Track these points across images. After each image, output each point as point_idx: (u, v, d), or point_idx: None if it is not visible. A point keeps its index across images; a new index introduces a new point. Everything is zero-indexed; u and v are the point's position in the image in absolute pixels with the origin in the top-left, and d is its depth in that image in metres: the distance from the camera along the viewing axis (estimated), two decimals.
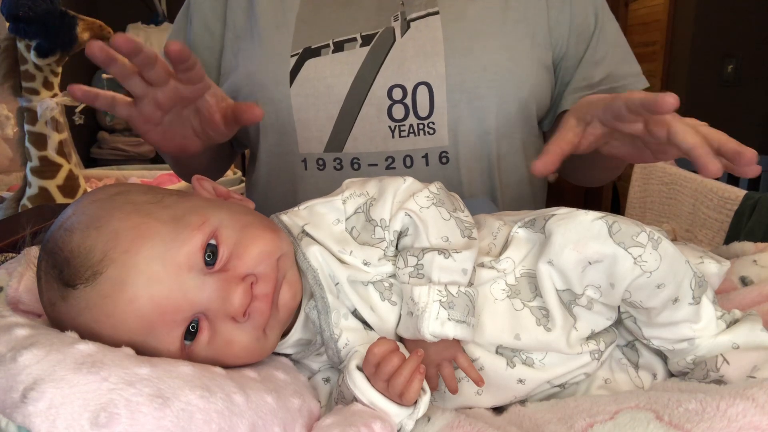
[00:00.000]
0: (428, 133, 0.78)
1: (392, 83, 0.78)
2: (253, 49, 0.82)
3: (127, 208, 0.48)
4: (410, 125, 0.78)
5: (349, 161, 0.80)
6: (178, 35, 0.90)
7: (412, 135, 0.78)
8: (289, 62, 0.79)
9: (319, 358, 0.56)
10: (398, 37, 0.79)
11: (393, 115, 0.78)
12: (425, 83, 0.77)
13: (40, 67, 1.87)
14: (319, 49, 0.79)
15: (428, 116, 0.78)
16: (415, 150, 0.79)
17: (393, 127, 0.78)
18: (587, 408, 0.46)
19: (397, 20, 0.79)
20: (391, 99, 0.78)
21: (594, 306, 0.53)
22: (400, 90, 0.78)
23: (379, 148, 0.79)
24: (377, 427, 0.44)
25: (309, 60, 0.79)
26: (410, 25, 0.79)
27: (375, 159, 0.80)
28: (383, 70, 0.78)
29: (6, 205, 1.97)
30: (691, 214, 1.83)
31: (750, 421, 0.40)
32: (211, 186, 0.59)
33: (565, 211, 0.54)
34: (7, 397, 0.38)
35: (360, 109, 0.78)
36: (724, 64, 2.81)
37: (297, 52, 0.79)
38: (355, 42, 0.79)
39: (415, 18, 0.79)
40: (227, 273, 0.48)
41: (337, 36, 0.80)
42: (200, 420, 0.40)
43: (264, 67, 0.81)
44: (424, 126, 0.78)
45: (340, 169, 0.80)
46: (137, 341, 0.45)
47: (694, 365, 0.54)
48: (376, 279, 0.53)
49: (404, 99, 0.78)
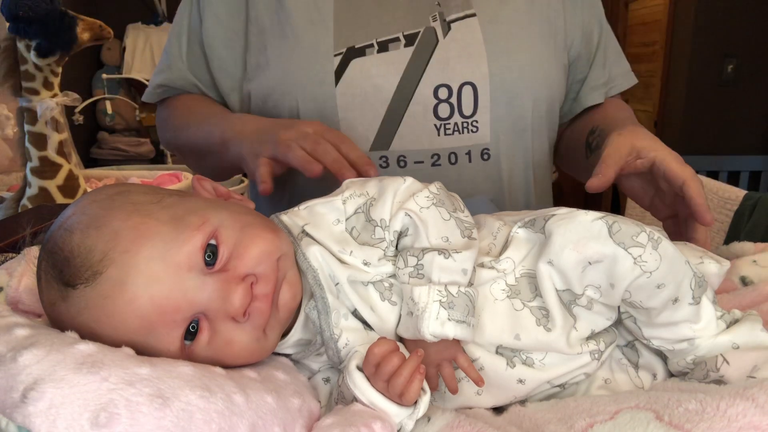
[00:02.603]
0: (472, 131, 0.81)
1: (438, 83, 0.80)
2: (287, 47, 0.82)
3: (128, 208, 0.48)
4: (455, 123, 0.81)
5: (396, 159, 0.82)
6: (181, 28, 0.90)
7: (456, 133, 0.81)
8: (333, 61, 0.80)
9: (319, 358, 0.56)
10: (440, 37, 0.81)
11: (439, 113, 0.80)
12: (470, 83, 0.80)
13: (40, 67, 1.87)
14: (363, 48, 0.81)
15: (472, 115, 0.81)
16: (459, 147, 0.81)
17: (438, 126, 0.81)
18: (587, 408, 0.46)
19: (436, 20, 0.82)
20: (437, 98, 0.80)
21: (594, 306, 0.53)
22: (446, 89, 0.80)
23: (424, 146, 0.81)
24: (377, 427, 0.44)
25: (354, 59, 0.80)
26: (450, 26, 0.82)
27: (421, 157, 0.81)
28: (429, 70, 0.80)
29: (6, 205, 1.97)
30: None
31: (750, 421, 0.40)
32: (212, 186, 0.59)
33: (565, 211, 0.54)
34: (7, 397, 0.38)
35: (407, 108, 0.80)
36: (724, 64, 2.81)
37: (341, 51, 0.80)
38: (398, 42, 0.81)
39: (454, 19, 0.82)
40: (227, 273, 0.48)
41: (380, 36, 0.81)
42: (200, 420, 0.40)
43: (304, 65, 0.81)
44: (468, 124, 0.81)
45: (386, 167, 0.82)
46: (137, 341, 0.45)
47: (694, 365, 0.54)
48: (376, 279, 0.53)
49: (450, 98, 0.80)
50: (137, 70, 3.51)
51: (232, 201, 0.58)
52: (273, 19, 0.83)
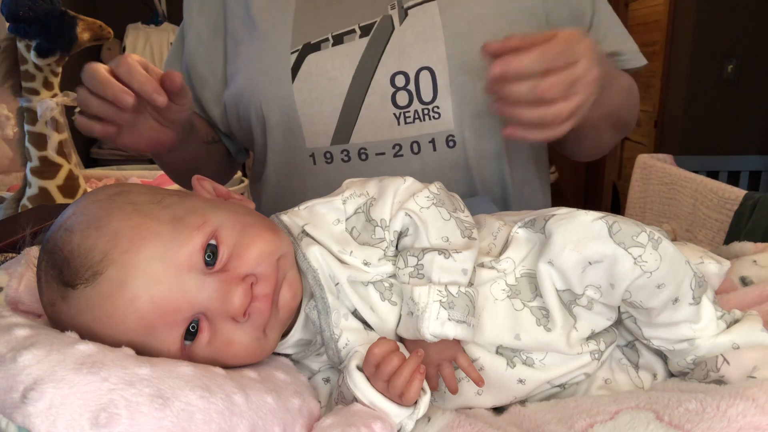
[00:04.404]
0: (433, 117, 0.79)
1: (394, 70, 0.78)
2: (252, 52, 0.83)
3: (128, 209, 0.48)
4: (415, 111, 0.79)
5: (357, 152, 0.81)
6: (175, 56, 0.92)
7: (417, 121, 0.79)
8: (289, 59, 0.80)
9: (319, 359, 0.56)
10: (397, 25, 0.79)
11: (397, 102, 0.79)
12: (427, 68, 0.78)
13: (40, 67, 1.88)
14: (319, 43, 0.80)
15: (432, 100, 0.78)
16: (421, 135, 0.79)
17: (398, 114, 0.79)
18: (587, 408, 0.46)
19: (393, 8, 0.80)
20: (394, 86, 0.78)
21: (594, 306, 0.53)
22: (403, 77, 0.78)
23: (385, 137, 0.80)
24: (377, 427, 0.44)
25: (310, 55, 0.79)
26: (408, 12, 0.80)
27: (382, 148, 0.80)
28: (384, 59, 0.78)
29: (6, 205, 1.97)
30: (691, 214, 1.83)
31: (750, 421, 0.40)
32: (212, 186, 0.59)
33: (565, 211, 0.54)
34: (7, 397, 0.38)
35: (364, 99, 0.79)
36: (724, 64, 2.81)
37: (297, 48, 0.80)
38: (354, 33, 0.80)
39: (411, 6, 0.80)
40: (227, 273, 0.48)
41: (336, 29, 0.80)
42: (200, 420, 0.40)
43: (264, 66, 0.81)
44: (429, 111, 0.79)
45: (348, 160, 0.81)
46: (137, 341, 0.46)
47: (695, 365, 0.54)
48: (376, 279, 0.53)
49: (407, 85, 0.78)
50: None
51: (232, 201, 0.58)
52: (243, 29, 0.84)
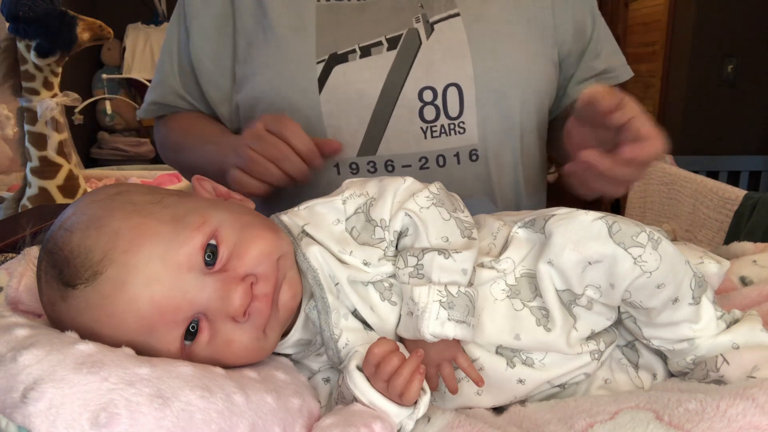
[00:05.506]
0: (459, 132, 0.80)
1: (422, 85, 0.79)
2: (270, 56, 0.82)
3: (128, 208, 0.48)
4: (441, 125, 0.80)
5: (383, 164, 0.81)
6: (171, 45, 0.90)
7: (443, 135, 0.80)
8: (315, 69, 0.79)
9: (319, 359, 0.56)
10: (424, 39, 0.80)
11: (424, 116, 0.80)
12: (455, 84, 0.79)
13: (40, 67, 1.88)
14: (346, 54, 0.80)
15: (458, 116, 0.80)
16: (446, 149, 0.81)
17: (425, 128, 0.80)
18: (587, 408, 0.46)
19: (419, 22, 0.81)
20: (421, 101, 0.79)
21: (594, 306, 0.53)
22: (431, 92, 0.79)
23: (412, 150, 0.81)
24: (377, 427, 0.44)
25: (337, 66, 0.79)
26: (434, 27, 0.81)
27: (408, 160, 0.81)
28: (413, 73, 0.79)
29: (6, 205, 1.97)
30: (691, 214, 1.83)
31: (750, 421, 0.40)
32: (212, 186, 0.59)
33: (565, 211, 0.54)
34: (7, 397, 0.38)
35: (392, 112, 0.80)
36: (724, 64, 2.81)
37: (323, 58, 0.79)
38: (381, 46, 0.80)
39: (437, 20, 0.81)
40: (227, 273, 0.48)
41: (362, 40, 0.80)
42: (200, 420, 0.40)
43: (288, 74, 0.81)
44: (455, 126, 0.80)
45: (374, 171, 0.81)
46: (137, 341, 0.46)
47: (694, 365, 0.54)
48: (376, 279, 0.53)
49: (435, 101, 0.79)
50: (137, 70, 3.52)
51: (232, 201, 0.58)
52: (258, 29, 0.83)
